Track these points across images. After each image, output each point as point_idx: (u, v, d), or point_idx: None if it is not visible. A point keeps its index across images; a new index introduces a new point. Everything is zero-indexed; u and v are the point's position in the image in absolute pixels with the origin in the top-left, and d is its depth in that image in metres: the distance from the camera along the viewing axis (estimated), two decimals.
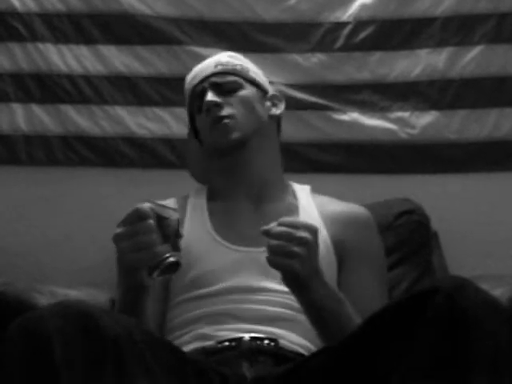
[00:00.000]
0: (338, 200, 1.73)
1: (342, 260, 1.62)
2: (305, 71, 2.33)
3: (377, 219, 1.74)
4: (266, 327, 1.49)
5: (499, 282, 1.84)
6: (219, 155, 1.70)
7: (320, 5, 2.35)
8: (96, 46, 2.34)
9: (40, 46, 2.33)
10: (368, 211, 1.72)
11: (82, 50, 2.34)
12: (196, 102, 1.72)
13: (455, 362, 1.13)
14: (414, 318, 1.18)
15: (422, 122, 2.31)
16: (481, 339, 1.13)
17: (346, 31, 2.33)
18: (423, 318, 1.16)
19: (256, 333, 1.48)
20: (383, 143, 2.31)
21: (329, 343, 1.37)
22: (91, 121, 2.33)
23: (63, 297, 1.82)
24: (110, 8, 2.34)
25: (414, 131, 2.30)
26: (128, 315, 1.30)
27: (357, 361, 1.25)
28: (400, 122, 2.31)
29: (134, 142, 2.32)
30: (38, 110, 2.33)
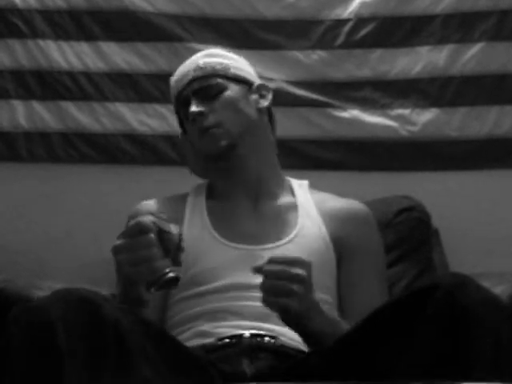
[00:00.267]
0: (337, 196, 1.73)
1: (342, 257, 1.62)
2: (305, 68, 2.33)
3: (377, 216, 1.74)
4: (266, 324, 1.49)
5: (500, 279, 1.85)
6: (212, 160, 1.70)
7: (320, 2, 2.34)
8: (97, 43, 2.34)
9: (40, 42, 2.33)
10: (367, 208, 1.71)
11: (83, 46, 2.34)
12: (182, 109, 1.71)
13: (456, 359, 1.13)
14: (414, 315, 1.18)
15: (422, 119, 2.30)
16: (481, 336, 1.13)
17: (346, 28, 2.33)
18: (423, 315, 1.17)
19: (256, 330, 1.48)
20: (384, 140, 2.30)
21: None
22: (92, 117, 2.32)
23: None
24: (110, 5, 2.33)
25: (414, 128, 2.30)
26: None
27: (357, 358, 1.25)
28: (400, 119, 2.31)
29: (135, 138, 2.32)
30: (38, 107, 2.32)
